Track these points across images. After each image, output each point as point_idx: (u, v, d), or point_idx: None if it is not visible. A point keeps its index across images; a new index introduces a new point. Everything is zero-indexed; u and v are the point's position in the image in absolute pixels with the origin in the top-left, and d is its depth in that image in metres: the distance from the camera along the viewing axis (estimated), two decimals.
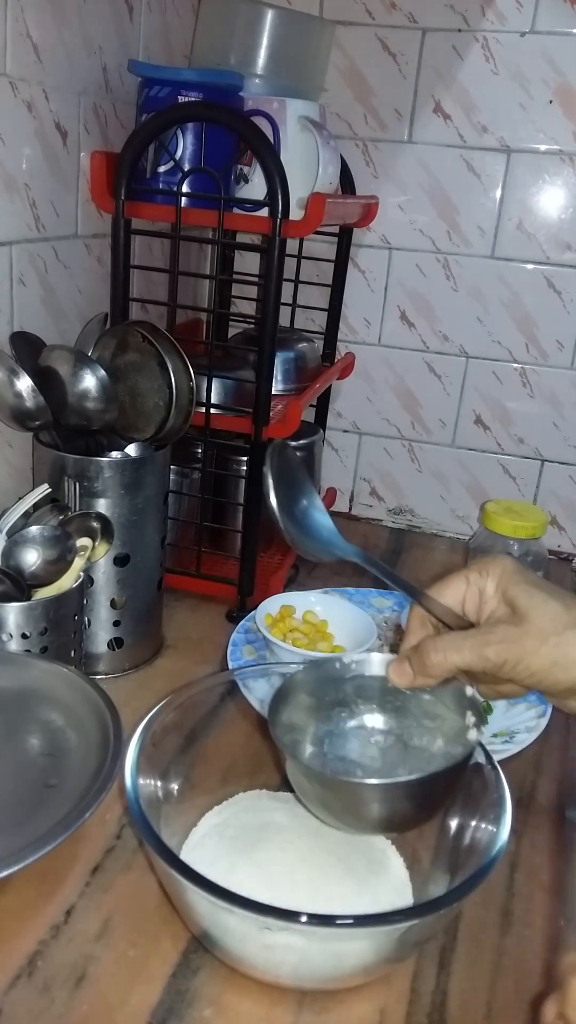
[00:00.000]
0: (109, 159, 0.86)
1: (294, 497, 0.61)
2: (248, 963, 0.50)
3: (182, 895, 0.49)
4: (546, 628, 0.53)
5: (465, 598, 0.58)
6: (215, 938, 0.50)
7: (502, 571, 0.56)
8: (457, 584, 0.58)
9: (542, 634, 0.53)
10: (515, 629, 0.53)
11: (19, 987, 0.50)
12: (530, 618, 0.53)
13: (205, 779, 0.61)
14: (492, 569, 0.57)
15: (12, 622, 0.67)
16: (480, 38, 1.07)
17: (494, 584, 0.56)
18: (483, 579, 0.57)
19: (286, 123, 0.86)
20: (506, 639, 0.53)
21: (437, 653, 0.54)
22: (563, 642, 0.52)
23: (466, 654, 0.54)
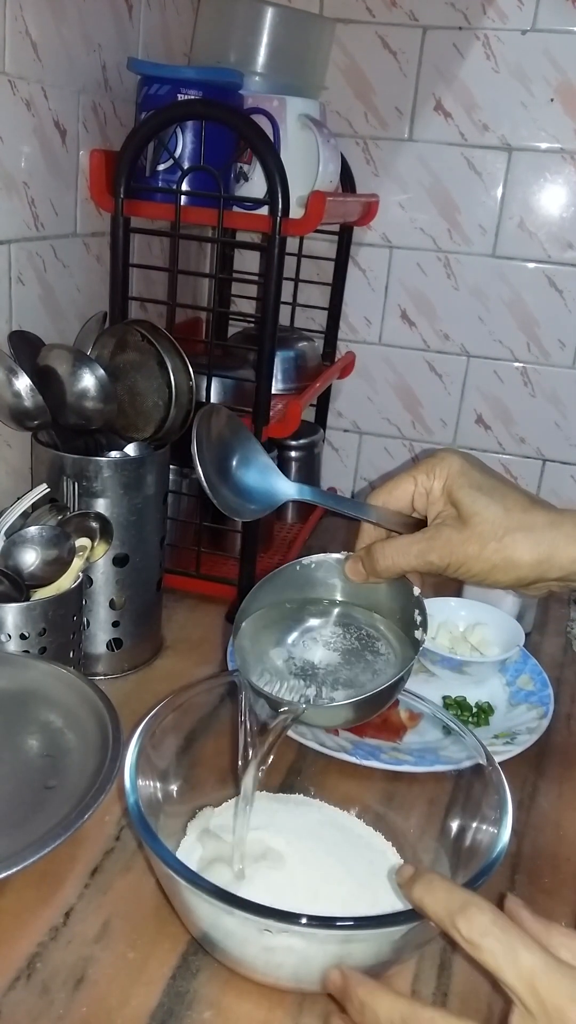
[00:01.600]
0: (108, 157, 0.86)
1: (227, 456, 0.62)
2: (248, 965, 0.49)
3: (182, 897, 0.49)
4: (486, 533, 0.56)
5: (414, 497, 0.60)
6: (215, 941, 0.50)
7: (448, 472, 0.58)
8: (405, 485, 0.60)
9: (482, 539, 0.56)
10: (457, 535, 0.56)
11: (18, 989, 0.50)
12: (472, 523, 0.56)
13: (204, 780, 0.61)
14: (439, 469, 0.58)
15: (11, 623, 0.67)
16: (481, 36, 1.07)
17: (440, 484, 0.58)
18: (430, 480, 0.59)
19: (286, 121, 0.86)
20: (449, 543, 0.56)
21: (385, 558, 0.58)
22: (502, 547, 0.55)
23: (411, 559, 0.57)
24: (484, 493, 0.57)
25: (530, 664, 0.85)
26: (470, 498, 0.56)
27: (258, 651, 0.59)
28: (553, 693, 0.80)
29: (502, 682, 0.83)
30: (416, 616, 0.59)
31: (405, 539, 0.58)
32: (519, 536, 0.55)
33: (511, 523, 0.56)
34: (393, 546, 0.58)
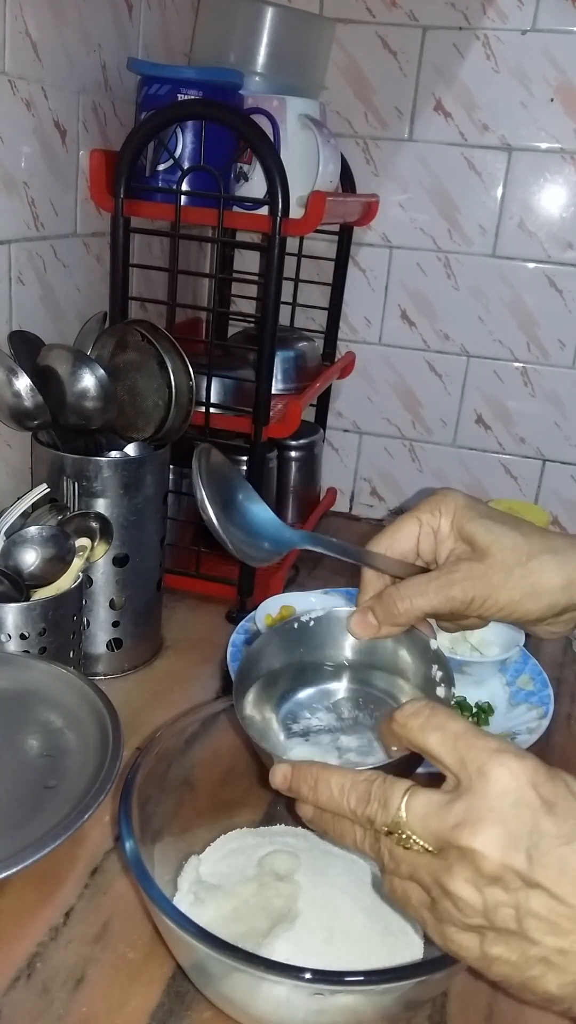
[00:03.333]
0: (108, 157, 0.86)
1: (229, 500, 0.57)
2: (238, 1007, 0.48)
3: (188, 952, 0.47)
4: (508, 560, 0.52)
5: (419, 540, 0.56)
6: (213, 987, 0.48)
7: (455, 507, 0.55)
8: (410, 527, 0.56)
9: (505, 567, 0.52)
10: (479, 565, 0.52)
11: (18, 989, 0.50)
12: (492, 552, 0.52)
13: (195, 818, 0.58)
14: (444, 507, 0.55)
15: (11, 623, 0.67)
16: (481, 36, 1.07)
17: (448, 522, 0.55)
18: (435, 518, 0.55)
19: (286, 121, 0.86)
20: (471, 576, 0.52)
21: (403, 600, 0.53)
22: (528, 572, 0.52)
23: (431, 597, 0.52)
24: (497, 522, 0.54)
25: (530, 664, 0.84)
26: (484, 528, 0.53)
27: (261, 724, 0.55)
28: (553, 693, 0.80)
29: (502, 682, 0.83)
30: (435, 672, 0.54)
31: (421, 578, 0.54)
32: (545, 558, 0.52)
33: (533, 547, 0.52)
34: (410, 586, 0.54)
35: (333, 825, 0.44)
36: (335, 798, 0.43)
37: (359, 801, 0.42)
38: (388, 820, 0.40)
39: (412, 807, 0.40)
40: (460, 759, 0.39)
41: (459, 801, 0.38)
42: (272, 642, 0.57)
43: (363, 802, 0.42)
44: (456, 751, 0.40)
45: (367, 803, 0.41)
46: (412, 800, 0.40)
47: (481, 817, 0.37)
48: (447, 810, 0.39)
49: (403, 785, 0.41)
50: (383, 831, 0.41)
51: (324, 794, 0.43)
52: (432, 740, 0.41)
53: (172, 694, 0.80)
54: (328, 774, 0.44)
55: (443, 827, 0.38)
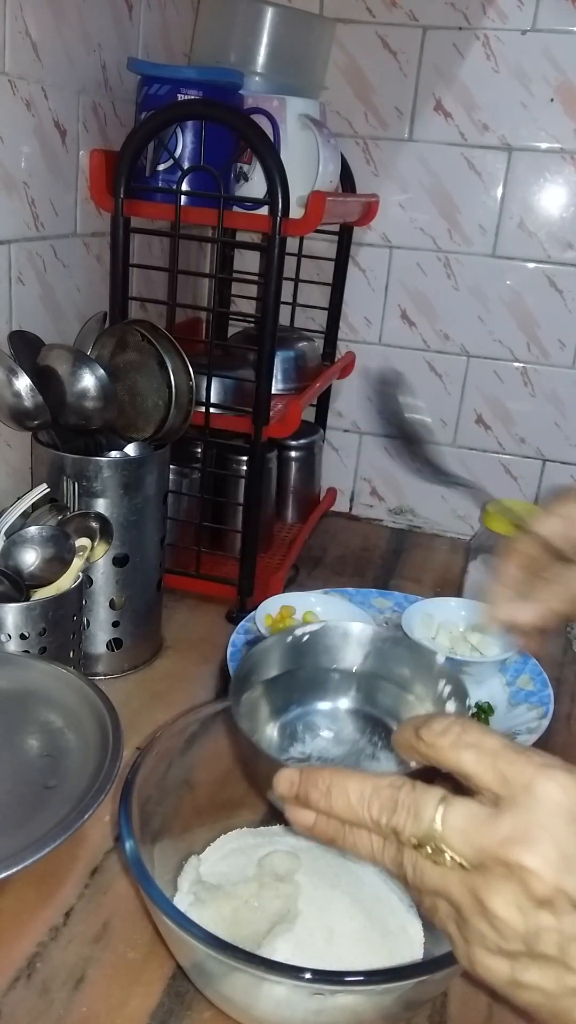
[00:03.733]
0: (108, 157, 0.86)
1: None
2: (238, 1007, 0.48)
3: (188, 952, 0.47)
4: None
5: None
6: (213, 986, 0.48)
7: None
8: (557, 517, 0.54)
9: None
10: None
11: (18, 988, 0.50)
12: None
13: (195, 818, 0.59)
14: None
15: (11, 622, 0.67)
16: (481, 36, 1.07)
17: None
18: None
19: (286, 121, 0.86)
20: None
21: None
22: None
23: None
24: None
25: (530, 664, 0.85)
26: None
27: (257, 736, 0.54)
28: (553, 693, 0.80)
29: (502, 682, 0.83)
30: (443, 687, 0.52)
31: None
32: None
33: None
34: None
35: (345, 835, 0.40)
36: (353, 806, 0.39)
37: (383, 809, 0.38)
38: (420, 831, 0.36)
39: (450, 818, 0.36)
40: (501, 776, 0.36)
41: (506, 815, 0.35)
42: (275, 649, 0.56)
43: (387, 810, 0.38)
44: (496, 769, 0.36)
45: (393, 812, 0.38)
46: (449, 810, 0.36)
47: (532, 834, 0.34)
48: (493, 823, 0.35)
49: (436, 793, 0.37)
50: (411, 843, 0.37)
51: (340, 801, 0.39)
52: (467, 759, 0.37)
53: (172, 694, 0.80)
54: (344, 779, 0.40)
55: (488, 841, 0.35)
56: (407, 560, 1.16)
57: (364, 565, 1.13)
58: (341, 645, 0.57)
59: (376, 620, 0.88)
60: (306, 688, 0.57)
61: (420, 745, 0.39)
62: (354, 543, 1.20)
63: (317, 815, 0.41)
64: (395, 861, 0.38)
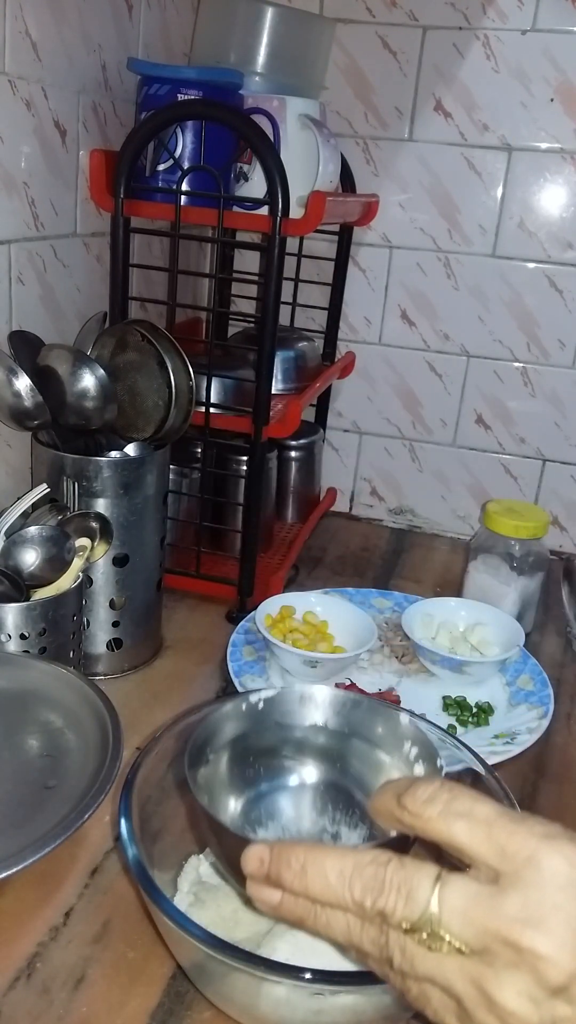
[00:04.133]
0: (108, 157, 0.86)
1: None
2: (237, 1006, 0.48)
3: (188, 952, 0.47)
4: None
5: None
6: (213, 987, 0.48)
7: None
8: None
9: None
10: None
11: (18, 988, 0.50)
12: None
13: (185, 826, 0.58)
14: None
15: (11, 622, 0.67)
16: (481, 36, 1.07)
17: None
18: None
19: (286, 121, 0.86)
20: None
21: None
22: None
23: None
24: None
25: (530, 664, 0.85)
26: None
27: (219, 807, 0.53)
28: (553, 693, 0.80)
29: (502, 682, 0.83)
30: (408, 748, 0.50)
31: None
32: None
33: None
34: None
35: (316, 914, 0.36)
36: (332, 886, 0.35)
37: (366, 890, 0.34)
38: (414, 915, 0.33)
39: (448, 899, 0.32)
40: (499, 849, 0.33)
41: (510, 893, 0.32)
42: (231, 717, 0.54)
43: (372, 891, 0.34)
44: (492, 841, 0.33)
45: (380, 892, 0.34)
46: (447, 890, 0.33)
47: (542, 914, 0.31)
48: (496, 903, 0.32)
49: (430, 871, 0.33)
50: (402, 927, 0.33)
51: (317, 881, 0.35)
52: (459, 830, 0.34)
53: (172, 694, 0.80)
54: (320, 856, 0.36)
55: (493, 924, 0.31)
56: (407, 560, 1.16)
57: (364, 565, 1.13)
58: (299, 710, 0.55)
59: (376, 620, 0.88)
60: (266, 757, 0.55)
61: (404, 815, 0.36)
62: (354, 543, 1.20)
63: (282, 895, 0.37)
64: (376, 944, 0.34)
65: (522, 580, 0.92)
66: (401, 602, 0.94)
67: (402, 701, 0.78)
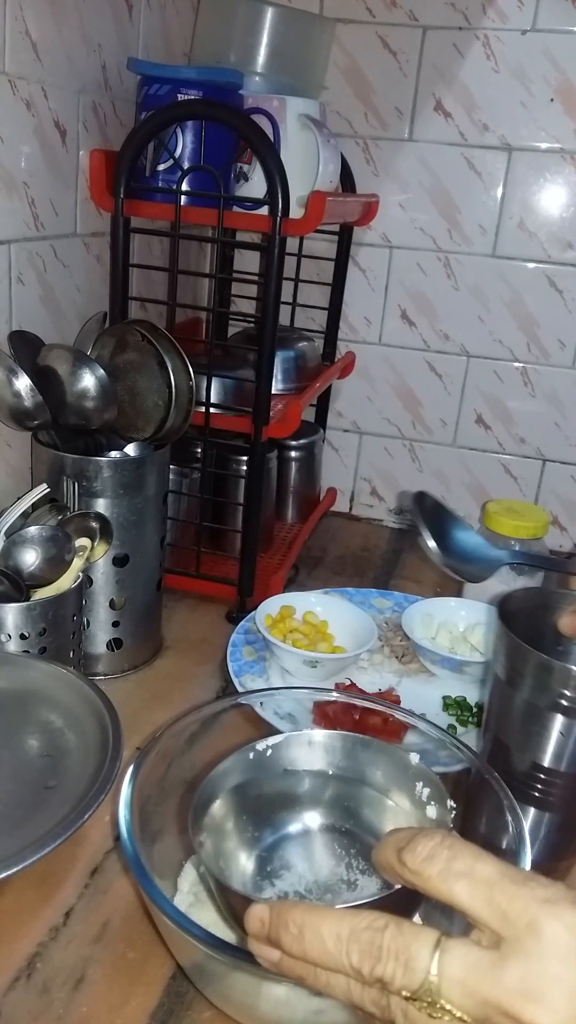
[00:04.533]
0: (108, 157, 0.86)
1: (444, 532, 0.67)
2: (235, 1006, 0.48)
3: (188, 952, 0.47)
4: None
5: None
6: (213, 987, 0.48)
7: None
8: None
9: None
10: None
11: (18, 989, 0.50)
12: None
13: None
14: None
15: (11, 622, 0.67)
16: (481, 36, 1.07)
17: None
18: None
19: (286, 121, 0.86)
20: None
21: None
22: None
23: None
24: None
25: None
26: None
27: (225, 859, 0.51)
28: None
29: None
30: (420, 790, 0.50)
31: None
32: None
33: None
34: None
35: (317, 975, 0.35)
36: (330, 952, 0.34)
37: (364, 956, 0.33)
38: (413, 984, 0.32)
39: (448, 968, 0.32)
40: (500, 913, 0.32)
41: (511, 963, 0.31)
42: (236, 768, 0.53)
43: (370, 958, 0.33)
44: (493, 904, 0.32)
45: (377, 960, 0.33)
46: (447, 958, 0.32)
47: (542, 987, 0.30)
48: (497, 972, 0.31)
49: (429, 937, 0.33)
50: (402, 995, 0.32)
51: (314, 946, 0.35)
52: (460, 891, 0.33)
53: (172, 694, 0.80)
54: (317, 919, 0.35)
55: (494, 994, 0.31)
56: (407, 560, 1.16)
57: (364, 565, 1.13)
58: (308, 756, 0.54)
59: (376, 620, 0.88)
60: (277, 805, 0.54)
61: (404, 872, 0.35)
62: (354, 543, 1.20)
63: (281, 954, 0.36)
64: (378, 1005, 0.34)
65: (522, 580, 0.92)
66: (401, 602, 0.94)
67: (402, 701, 0.78)
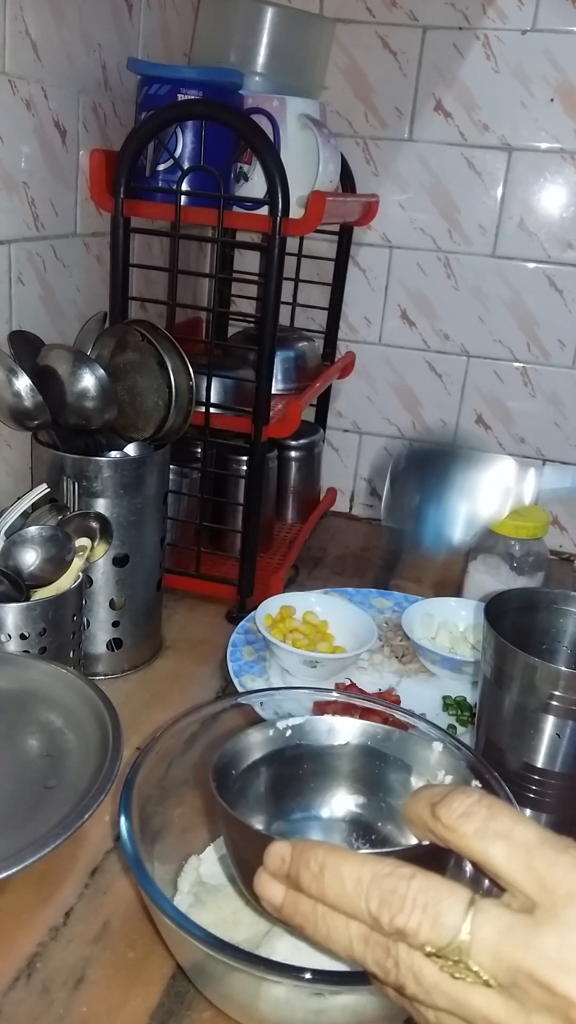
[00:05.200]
0: (108, 157, 0.86)
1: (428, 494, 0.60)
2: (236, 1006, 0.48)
3: (188, 952, 0.47)
4: None
5: None
6: (214, 988, 0.48)
7: None
8: None
9: None
10: None
11: (18, 989, 0.50)
12: None
13: (195, 818, 0.58)
14: None
15: (11, 623, 0.67)
16: (481, 36, 1.07)
17: None
18: None
19: (286, 121, 0.86)
20: None
21: None
22: None
23: None
24: None
25: None
26: None
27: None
28: None
29: None
30: (441, 778, 0.49)
31: None
32: None
33: None
34: None
35: (317, 923, 0.34)
36: (348, 894, 0.33)
37: (383, 904, 0.32)
38: (440, 940, 0.30)
39: (481, 928, 0.30)
40: (538, 880, 0.31)
41: (548, 931, 0.30)
42: (259, 742, 0.52)
43: (390, 906, 0.32)
44: (531, 869, 0.31)
45: (399, 910, 0.31)
46: (482, 918, 0.30)
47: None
48: (533, 940, 0.30)
49: (463, 894, 0.31)
50: (424, 950, 0.31)
51: (333, 887, 0.33)
52: (496, 852, 0.32)
53: (172, 694, 0.80)
54: (338, 860, 0.34)
55: (528, 962, 0.29)
56: (407, 560, 1.16)
57: (364, 565, 1.13)
58: (327, 740, 0.53)
59: (376, 620, 0.88)
60: (294, 785, 0.53)
61: (437, 827, 0.34)
62: (354, 543, 1.20)
63: (285, 896, 0.36)
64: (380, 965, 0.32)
65: (522, 580, 0.92)
66: (401, 602, 0.94)
67: (402, 701, 0.78)
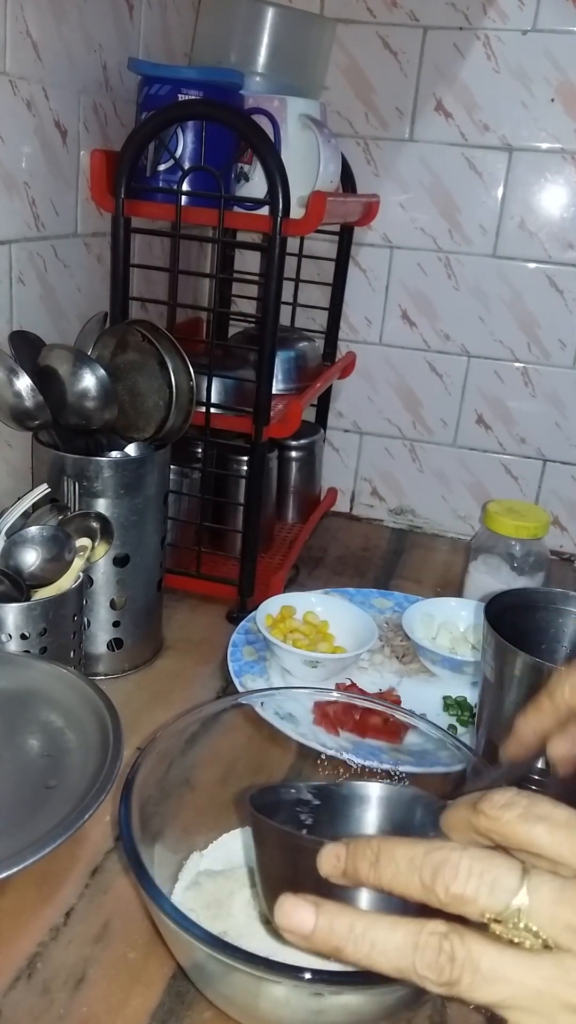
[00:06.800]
0: (109, 157, 0.86)
1: None
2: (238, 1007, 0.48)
3: (188, 952, 0.47)
4: None
5: None
6: (213, 988, 0.48)
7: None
8: None
9: None
10: None
11: (18, 989, 0.50)
12: None
13: (195, 818, 0.58)
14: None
15: (11, 623, 0.67)
16: (481, 36, 1.07)
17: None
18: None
19: (287, 121, 0.86)
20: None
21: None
22: None
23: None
24: None
25: None
26: None
27: None
28: None
29: None
30: None
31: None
32: None
33: None
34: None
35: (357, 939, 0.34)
36: (402, 873, 0.34)
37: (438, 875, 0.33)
38: (498, 904, 0.32)
39: (537, 891, 0.31)
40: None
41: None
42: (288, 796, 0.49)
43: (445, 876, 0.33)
44: (575, 843, 0.33)
45: (454, 878, 0.33)
46: (537, 881, 0.32)
47: None
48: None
49: (515, 863, 0.33)
50: (485, 918, 0.32)
51: (388, 870, 0.34)
52: (540, 831, 0.33)
53: (172, 694, 0.80)
54: (392, 844, 0.35)
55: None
56: (407, 560, 1.16)
57: (364, 565, 1.13)
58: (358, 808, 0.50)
59: (376, 620, 0.88)
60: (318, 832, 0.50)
61: (480, 820, 0.35)
62: (354, 543, 1.20)
63: (316, 920, 0.35)
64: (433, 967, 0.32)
65: (522, 580, 0.92)
66: (402, 602, 0.94)
67: (402, 701, 0.78)
